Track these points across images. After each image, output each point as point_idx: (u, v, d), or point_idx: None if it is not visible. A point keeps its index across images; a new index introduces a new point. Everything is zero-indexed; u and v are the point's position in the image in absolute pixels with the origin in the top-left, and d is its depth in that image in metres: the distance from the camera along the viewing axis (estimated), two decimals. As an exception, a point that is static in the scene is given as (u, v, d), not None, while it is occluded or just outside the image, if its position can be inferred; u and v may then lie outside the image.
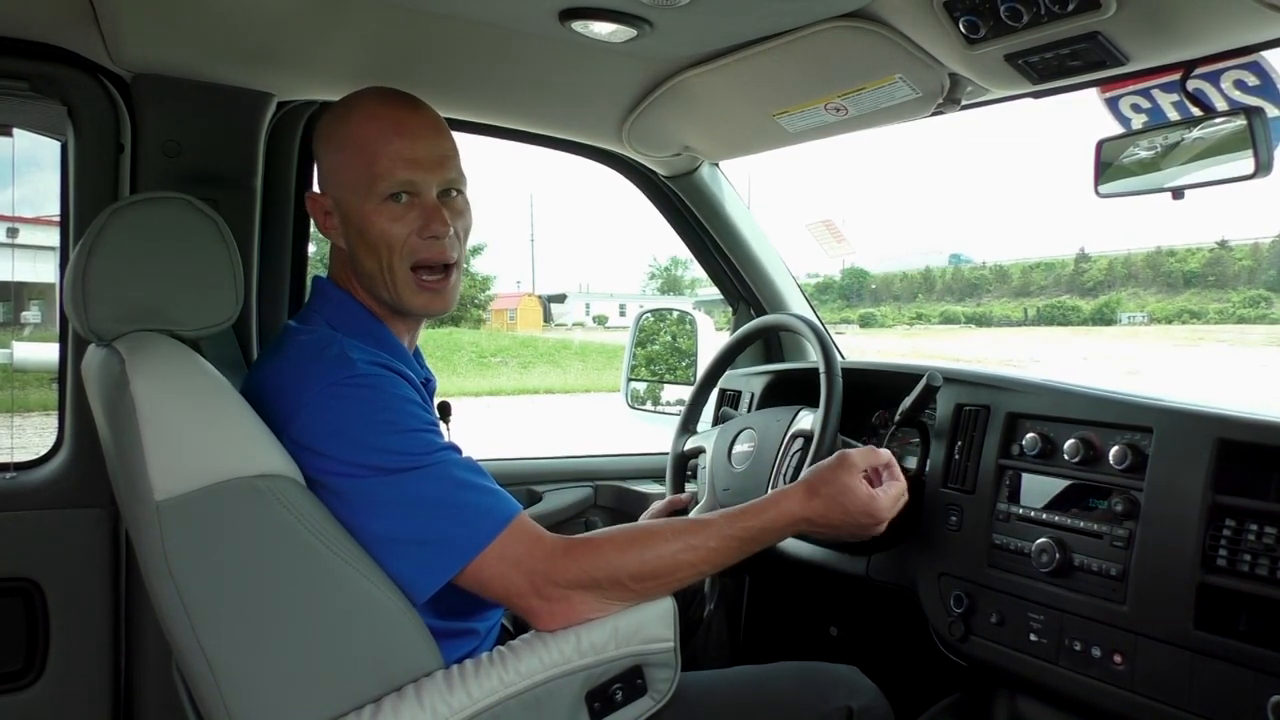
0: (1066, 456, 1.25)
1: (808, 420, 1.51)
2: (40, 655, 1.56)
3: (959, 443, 1.40)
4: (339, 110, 1.17)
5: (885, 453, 1.24)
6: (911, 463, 1.51)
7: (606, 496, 2.09)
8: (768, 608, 1.98)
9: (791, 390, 1.82)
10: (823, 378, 1.45)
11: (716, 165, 2.07)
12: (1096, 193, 1.30)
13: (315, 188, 1.22)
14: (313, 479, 1.01)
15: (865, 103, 1.46)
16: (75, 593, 1.57)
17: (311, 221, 1.78)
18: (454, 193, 1.16)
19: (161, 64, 1.47)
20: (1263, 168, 1.13)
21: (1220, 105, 1.24)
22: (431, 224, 1.11)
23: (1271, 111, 1.18)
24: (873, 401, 1.60)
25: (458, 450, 1.07)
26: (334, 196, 1.15)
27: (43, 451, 1.63)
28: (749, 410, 1.88)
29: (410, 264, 1.13)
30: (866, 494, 1.17)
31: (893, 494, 1.21)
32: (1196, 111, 1.20)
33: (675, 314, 2.47)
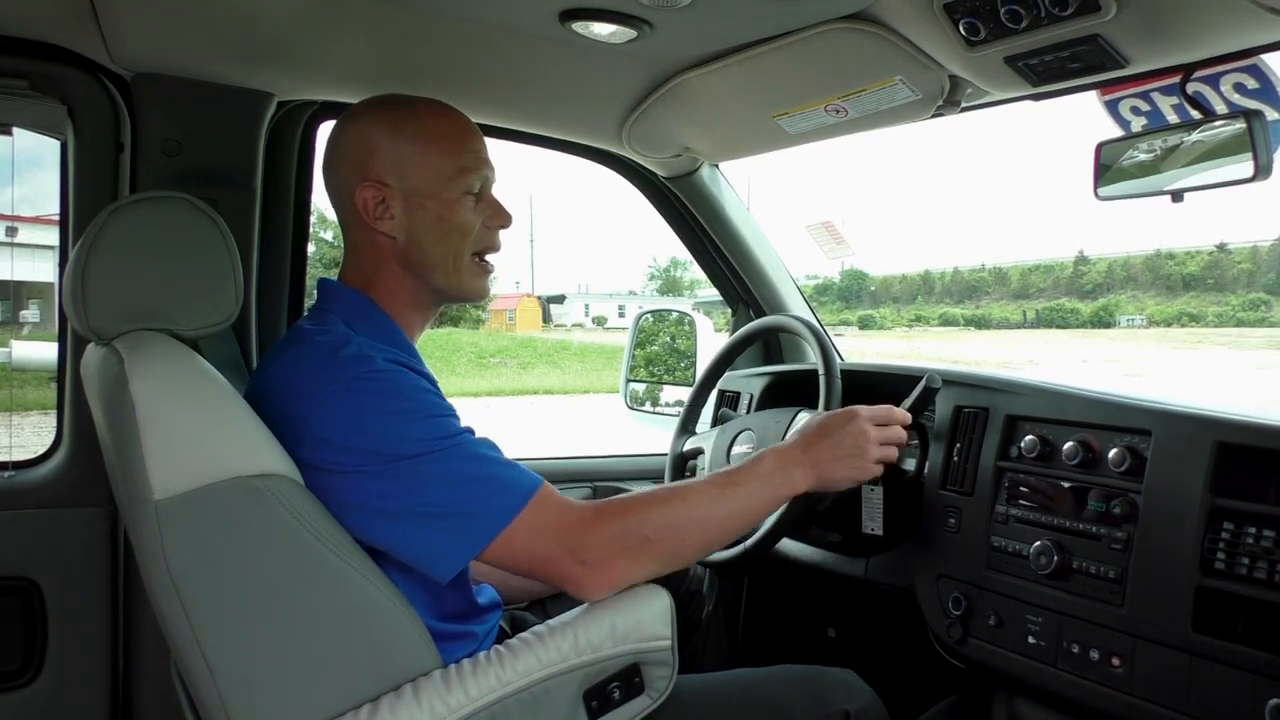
0: (1065, 459, 1.24)
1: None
2: (38, 654, 1.56)
3: (958, 444, 1.40)
4: (397, 106, 1.19)
5: (902, 414, 1.31)
6: (910, 464, 1.51)
7: (606, 497, 2.08)
8: (766, 609, 1.98)
9: (790, 392, 1.82)
10: (822, 379, 1.45)
11: (716, 166, 2.07)
12: (1096, 195, 1.30)
13: (342, 180, 1.18)
14: (334, 471, 1.01)
15: (865, 104, 1.46)
16: (73, 592, 1.57)
17: (311, 221, 1.81)
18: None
19: (161, 63, 1.47)
20: (1262, 171, 1.13)
21: (1220, 108, 1.24)
22: (501, 215, 1.22)
23: (1271, 115, 1.18)
24: (872, 403, 1.60)
25: (474, 433, 1.09)
26: (401, 187, 1.15)
27: (41, 450, 1.63)
28: (748, 411, 1.88)
29: (474, 250, 1.20)
30: (858, 430, 1.23)
31: (886, 434, 1.27)
32: (1196, 114, 1.20)
33: (674, 315, 2.47)
